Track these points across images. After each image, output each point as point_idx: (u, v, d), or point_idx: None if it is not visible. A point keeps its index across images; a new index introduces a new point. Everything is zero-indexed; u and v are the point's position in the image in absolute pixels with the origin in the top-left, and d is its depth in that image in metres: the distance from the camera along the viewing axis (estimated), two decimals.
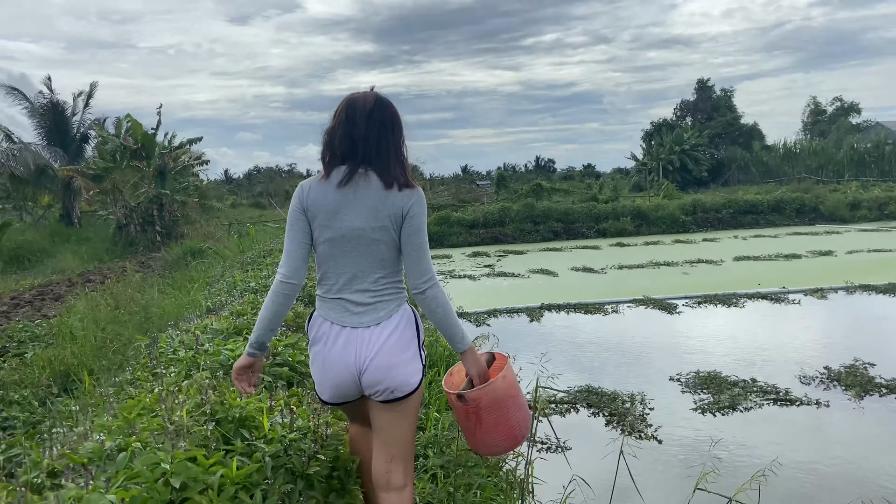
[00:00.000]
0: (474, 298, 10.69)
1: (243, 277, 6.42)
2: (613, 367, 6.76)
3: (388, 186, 2.20)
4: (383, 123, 2.24)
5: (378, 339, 2.22)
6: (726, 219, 22.47)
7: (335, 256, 2.24)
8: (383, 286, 2.26)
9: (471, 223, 21.46)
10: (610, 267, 13.65)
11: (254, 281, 5.24)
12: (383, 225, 2.20)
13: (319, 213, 2.22)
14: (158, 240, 22.98)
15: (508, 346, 7.26)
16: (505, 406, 2.36)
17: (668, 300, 9.96)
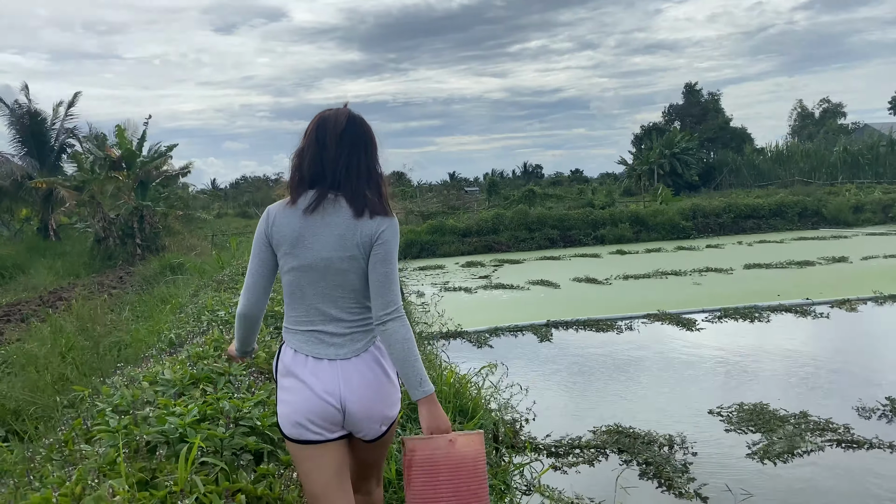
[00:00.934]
0: (473, 314, 9.88)
1: (214, 300, 5.58)
2: (640, 398, 5.95)
3: (358, 214, 2.07)
4: (355, 144, 2.10)
5: (358, 373, 2.09)
6: (727, 224, 21.77)
7: (302, 287, 2.11)
8: (359, 316, 2.13)
9: (463, 231, 20.65)
10: (614, 277, 12.87)
11: (223, 309, 4.41)
12: (352, 254, 2.07)
13: (284, 242, 2.09)
14: (139, 253, 22.06)
15: (517, 373, 6.48)
16: (439, 476, 2.02)
17: (684, 315, 9.18)
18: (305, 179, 2.12)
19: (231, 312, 4.38)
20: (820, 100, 65.81)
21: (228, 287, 7.46)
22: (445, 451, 2.03)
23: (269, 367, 3.64)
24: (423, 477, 2.04)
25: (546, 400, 5.84)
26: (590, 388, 6.35)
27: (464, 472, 2.04)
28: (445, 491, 2.02)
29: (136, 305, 11.43)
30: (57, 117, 28.14)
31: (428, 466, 2.03)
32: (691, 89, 58.79)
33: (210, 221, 35.80)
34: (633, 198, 37.20)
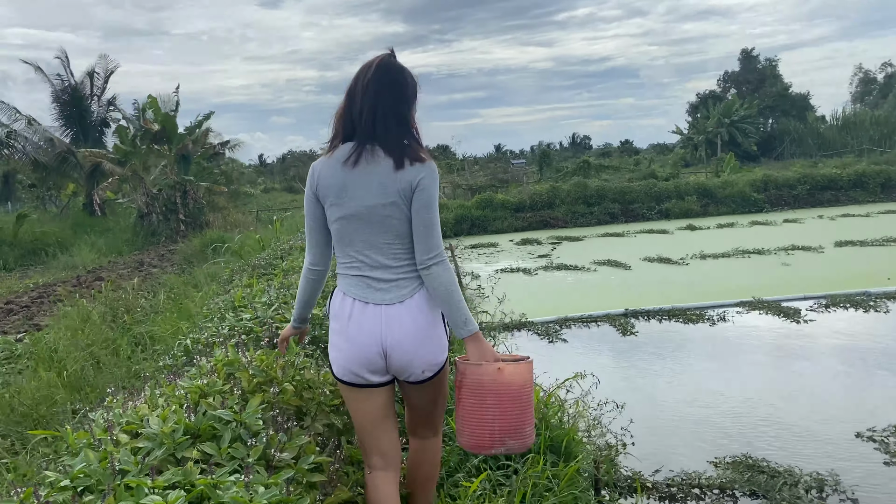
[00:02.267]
0: (536, 301, 8.81)
1: (245, 294, 4.65)
2: (764, 416, 4.83)
3: (398, 165, 2.10)
4: (379, 92, 2.11)
5: (405, 319, 2.13)
6: (802, 196, 20.14)
7: (350, 235, 2.17)
8: (405, 262, 2.16)
9: (516, 206, 19.47)
10: (690, 257, 11.62)
11: (248, 312, 3.44)
12: (393, 201, 2.11)
13: (329, 194, 2.15)
14: (182, 229, 21.50)
15: (601, 377, 5.38)
16: (486, 399, 2.12)
17: (783, 302, 7.96)
18: (340, 134, 2.17)
19: (257, 318, 3.42)
20: (882, 63, 61.98)
21: (265, 273, 6.54)
22: (492, 378, 2.10)
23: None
24: (471, 399, 2.14)
25: (643, 416, 4.78)
26: (697, 399, 5.25)
27: (508, 397, 2.12)
28: (491, 414, 2.11)
29: (173, 288, 10.67)
30: (95, 89, 27.67)
31: (476, 389, 2.12)
32: (748, 55, 55.95)
33: (256, 196, 35.34)
34: (689, 169, 35.42)
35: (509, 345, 6.40)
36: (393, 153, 2.10)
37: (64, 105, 27.04)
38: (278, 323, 3.31)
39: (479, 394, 2.13)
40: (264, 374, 2.52)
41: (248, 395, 2.45)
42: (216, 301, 5.56)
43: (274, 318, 3.35)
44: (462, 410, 2.18)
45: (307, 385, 2.53)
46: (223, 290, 6.60)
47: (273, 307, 3.58)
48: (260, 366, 2.60)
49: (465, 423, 2.19)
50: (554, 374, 4.93)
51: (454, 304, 2.11)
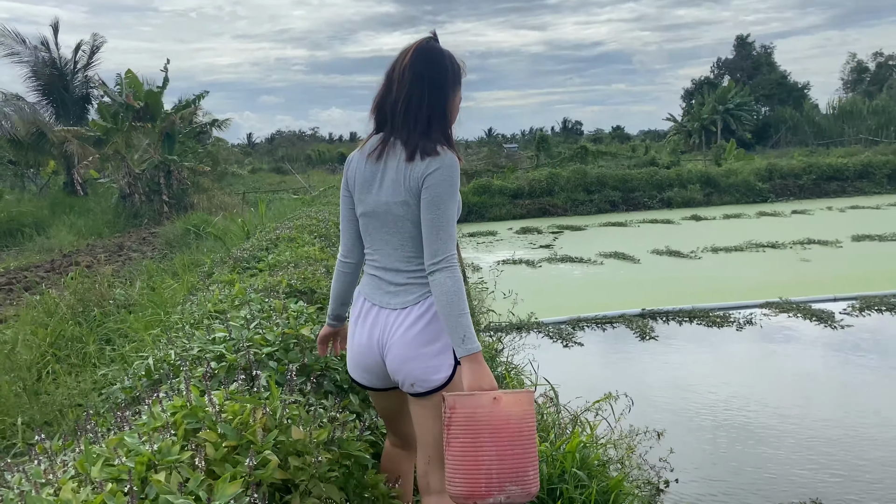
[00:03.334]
0: (544, 297, 8.16)
1: (222, 298, 3.98)
2: (825, 449, 4.20)
3: (410, 157, 1.95)
4: (414, 81, 1.96)
5: (400, 325, 1.99)
6: (808, 186, 19.56)
7: (369, 232, 2.09)
8: (417, 267, 2.01)
9: (514, 192, 18.79)
10: (701, 250, 10.99)
11: (221, 330, 2.76)
12: (404, 200, 1.96)
13: (356, 187, 2.09)
14: (166, 211, 20.65)
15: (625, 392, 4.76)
16: (480, 436, 1.77)
17: (813, 304, 7.35)
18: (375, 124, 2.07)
19: (230, 342, 2.73)
20: (873, 53, 61.35)
21: (248, 266, 5.84)
22: (488, 410, 1.79)
23: None
24: (464, 437, 1.80)
25: (683, 443, 4.14)
26: (744, 420, 4.62)
27: (508, 433, 1.79)
28: (488, 453, 1.78)
29: (152, 276, 9.93)
30: (78, 64, 26.69)
31: (469, 425, 1.79)
32: (743, 42, 55.24)
33: (243, 177, 34.49)
34: (685, 156, 34.75)
35: (519, 346, 5.75)
36: (408, 146, 1.97)
37: (44, 80, 26.03)
38: (257, 347, 2.63)
39: (473, 430, 1.80)
40: (238, 436, 1.84)
41: (214, 467, 1.77)
42: (192, 301, 4.86)
43: (252, 340, 2.66)
44: (452, 451, 1.83)
45: (295, 450, 1.86)
46: (203, 284, 5.89)
47: (254, 323, 2.88)
48: (233, 420, 1.92)
49: (457, 469, 1.82)
50: (573, 386, 4.30)
51: (453, 317, 1.89)
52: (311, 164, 46.05)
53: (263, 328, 2.81)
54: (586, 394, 4.35)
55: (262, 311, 3.16)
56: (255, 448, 1.82)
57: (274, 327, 2.86)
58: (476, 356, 1.87)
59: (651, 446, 3.86)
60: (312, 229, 7.43)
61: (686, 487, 3.62)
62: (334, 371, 2.72)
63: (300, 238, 6.69)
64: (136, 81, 21.26)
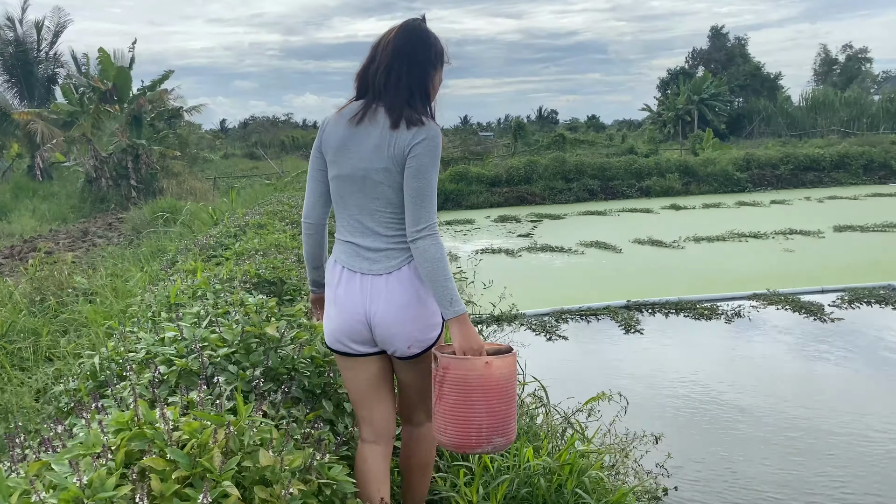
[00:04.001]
0: (525, 288, 7.88)
1: (182, 292, 3.64)
2: (824, 453, 3.98)
3: (394, 125, 1.96)
4: (400, 54, 2.00)
5: (387, 290, 2.01)
6: (785, 176, 19.52)
7: (343, 196, 2.07)
8: (396, 232, 2.02)
9: (491, 180, 18.50)
10: (683, 240, 10.80)
11: (173, 329, 2.42)
12: (385, 166, 1.97)
13: (329, 150, 2.07)
14: (133, 196, 20.03)
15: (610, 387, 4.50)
16: (472, 396, 1.93)
17: (800, 295, 7.16)
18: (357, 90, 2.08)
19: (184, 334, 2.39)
20: (843, 45, 61.79)
21: (213, 254, 5.48)
22: (480, 373, 1.93)
23: None
24: (456, 395, 1.95)
25: (680, 446, 3.88)
26: (742, 420, 4.38)
27: (496, 393, 1.96)
28: (478, 411, 1.94)
29: (117, 263, 9.48)
30: (42, 43, 25.85)
31: (462, 386, 1.93)
32: (717, 33, 55.26)
33: (215, 162, 33.81)
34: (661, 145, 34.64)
35: (501, 339, 5.46)
36: (392, 114, 1.98)
37: (8, 59, 25.16)
38: (213, 347, 2.30)
39: (465, 391, 1.94)
40: (190, 463, 1.52)
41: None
42: (150, 293, 4.50)
43: (207, 340, 2.33)
44: (443, 407, 1.98)
45: (262, 479, 1.54)
46: (165, 274, 5.52)
47: (206, 320, 2.54)
48: (186, 444, 1.59)
49: (448, 422, 1.98)
50: (560, 383, 4.02)
51: (439, 282, 1.94)
52: (285, 150, 45.33)
53: (221, 325, 2.47)
54: (574, 391, 4.07)
55: (218, 306, 2.82)
56: (212, 477, 1.50)
57: (233, 324, 2.52)
58: (463, 317, 1.94)
59: (647, 450, 3.60)
60: (284, 215, 7.07)
61: (686, 495, 3.36)
62: (303, 375, 2.40)
63: (270, 225, 6.34)
64: (109, 62, 20.57)
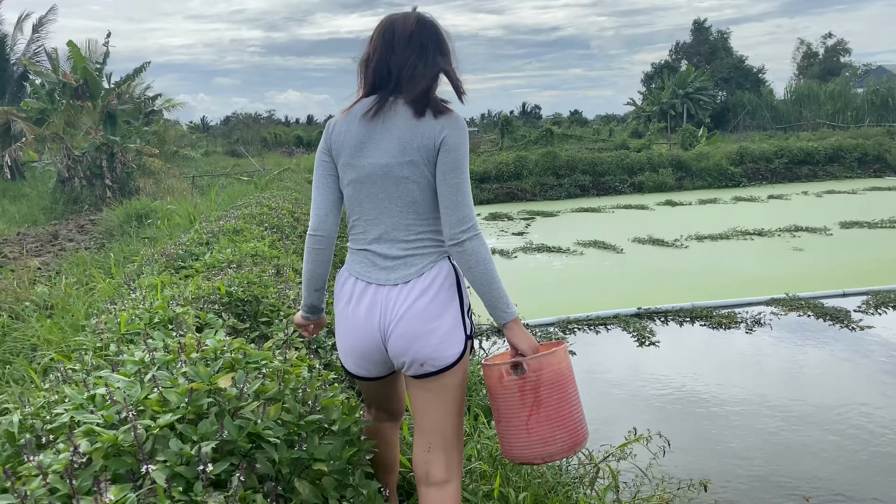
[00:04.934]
0: (524, 294, 7.32)
1: (135, 318, 3.05)
2: None
3: (418, 114, 1.82)
4: (424, 47, 1.88)
5: (405, 300, 1.82)
6: (780, 170, 19.10)
7: (360, 201, 1.89)
8: (417, 236, 1.86)
9: (481, 176, 17.92)
10: (685, 238, 10.29)
11: (100, 383, 1.81)
12: (411, 159, 1.81)
13: (343, 151, 1.89)
14: (108, 196, 19.28)
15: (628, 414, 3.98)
16: (567, 387, 1.85)
17: (822, 300, 6.66)
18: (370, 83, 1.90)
19: (116, 394, 1.79)
20: (823, 35, 61.58)
21: (182, 265, 4.86)
22: (567, 364, 1.89)
23: None
24: (557, 394, 1.84)
25: (727, 492, 3.33)
26: (807, 455, 3.84)
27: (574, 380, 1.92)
28: (575, 401, 1.89)
29: (85, 269, 8.82)
30: (17, 40, 25.01)
31: (558, 382, 1.84)
32: (700, 27, 55.04)
33: (196, 160, 33.03)
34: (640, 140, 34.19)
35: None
36: (415, 103, 1.83)
37: None
38: (152, 414, 1.72)
39: (562, 385, 1.84)
40: None
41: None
42: (106, 312, 3.89)
43: (144, 403, 1.74)
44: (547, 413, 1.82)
45: None
46: (126, 290, 4.89)
47: (149, 374, 1.93)
48: None
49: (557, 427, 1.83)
50: None
51: (494, 285, 1.79)
52: (267, 147, 44.59)
53: (165, 380, 1.87)
54: (595, 422, 3.53)
55: (168, 347, 2.23)
56: None
57: (180, 377, 1.93)
58: (518, 318, 1.84)
59: (691, 499, 3.05)
60: (263, 219, 6.46)
61: None
62: (270, 445, 1.81)
63: (248, 230, 5.72)
64: (79, 55, 19.75)
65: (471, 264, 1.79)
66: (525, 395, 1.83)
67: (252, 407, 1.89)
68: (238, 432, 1.78)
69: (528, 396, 1.83)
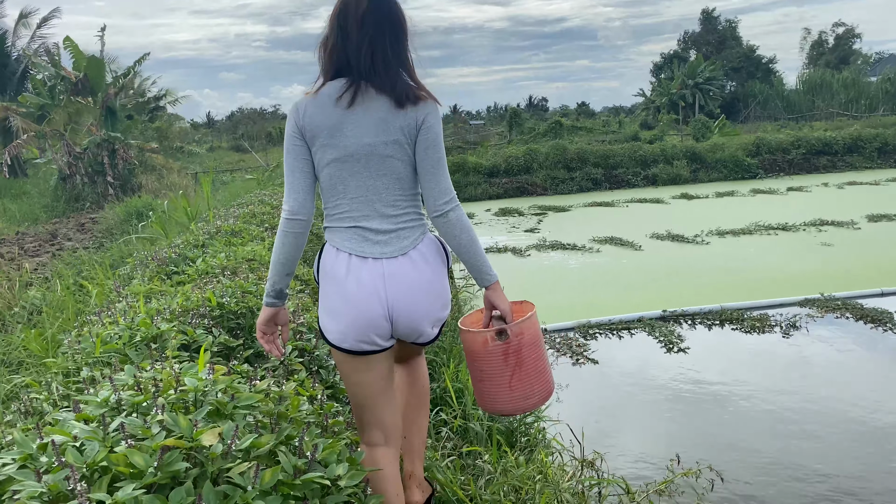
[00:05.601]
0: (541, 295, 6.93)
1: (114, 335, 2.68)
2: None
3: (399, 104, 1.86)
4: (378, 28, 1.88)
5: (409, 271, 1.90)
6: (798, 161, 18.58)
7: (344, 179, 1.92)
8: (404, 210, 1.94)
9: (490, 170, 17.50)
10: (706, 234, 9.86)
11: (58, 433, 1.42)
12: (395, 139, 1.88)
13: (320, 133, 1.89)
14: (111, 193, 18.95)
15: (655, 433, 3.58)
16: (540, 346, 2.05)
17: (856, 300, 6.24)
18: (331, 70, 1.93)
19: (72, 442, 1.41)
20: (833, 23, 60.51)
21: (175, 271, 4.49)
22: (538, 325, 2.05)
23: None
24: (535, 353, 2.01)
25: None
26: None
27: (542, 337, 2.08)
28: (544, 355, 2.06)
29: (81, 271, 8.48)
30: (20, 36, 24.71)
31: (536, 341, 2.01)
32: (708, 16, 54.34)
33: (201, 155, 32.73)
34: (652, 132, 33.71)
35: None
36: (388, 91, 1.87)
37: None
38: (113, 477, 1.34)
39: (537, 344, 2.02)
40: None
41: None
42: (93, 323, 3.51)
43: (105, 463, 1.36)
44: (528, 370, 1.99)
45: None
46: (116, 296, 4.52)
47: (115, 422, 1.54)
48: None
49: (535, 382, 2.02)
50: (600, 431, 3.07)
51: (477, 250, 1.93)
52: (272, 142, 44.27)
53: (136, 428, 1.49)
54: (627, 447, 3.14)
55: (139, 385, 1.85)
56: None
57: (154, 425, 1.54)
58: (498, 281, 1.98)
59: None
60: (263, 218, 6.07)
61: None
62: None
63: (246, 231, 5.33)
64: (78, 51, 19.42)
65: (455, 233, 1.90)
66: (508, 357, 1.97)
67: (241, 468, 1.51)
68: (223, 502, 1.40)
69: (512, 358, 1.97)
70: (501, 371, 1.99)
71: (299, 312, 3.26)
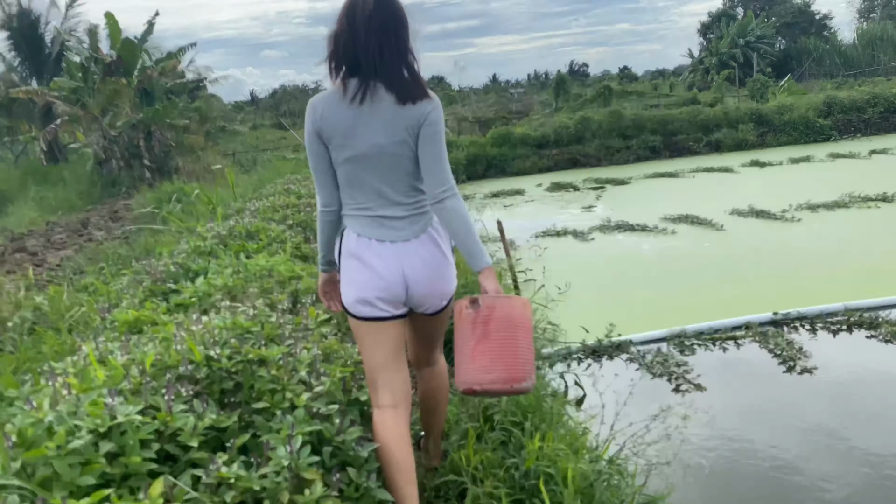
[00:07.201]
0: (616, 293, 5.91)
1: (90, 387, 1.77)
2: None
3: (401, 100, 2.00)
4: (384, 29, 1.99)
5: (419, 253, 2.11)
6: (874, 121, 17.00)
7: (359, 175, 2.09)
8: (416, 199, 2.11)
9: (538, 141, 16.37)
10: (794, 208, 8.66)
11: None
12: (402, 139, 2.03)
13: (335, 134, 2.05)
14: (147, 176, 18.36)
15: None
16: (517, 332, 2.08)
17: None
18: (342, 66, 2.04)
19: None
20: None
21: (174, 289, 3.61)
22: (521, 312, 2.09)
23: None
24: (504, 332, 2.06)
25: None
26: None
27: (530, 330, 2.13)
28: (523, 345, 2.08)
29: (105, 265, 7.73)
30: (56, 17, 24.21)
31: (508, 323, 2.06)
32: None
33: (244, 134, 32.16)
34: (710, 93, 31.90)
35: (604, 386, 3.56)
36: (395, 89, 1.99)
37: (13, 32, 23.56)
38: None
39: (511, 327, 2.05)
40: None
41: None
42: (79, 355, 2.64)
43: None
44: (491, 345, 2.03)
45: None
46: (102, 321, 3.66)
47: None
48: None
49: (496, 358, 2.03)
50: None
51: (471, 236, 2.05)
52: None
53: None
54: None
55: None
56: None
57: None
58: (491, 267, 2.08)
59: None
60: (288, 213, 5.16)
61: None
62: None
63: (264, 231, 4.42)
64: (116, 28, 18.76)
65: (451, 218, 2.03)
66: (476, 326, 2.02)
67: None
68: None
69: (478, 328, 2.02)
70: (467, 339, 2.04)
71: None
